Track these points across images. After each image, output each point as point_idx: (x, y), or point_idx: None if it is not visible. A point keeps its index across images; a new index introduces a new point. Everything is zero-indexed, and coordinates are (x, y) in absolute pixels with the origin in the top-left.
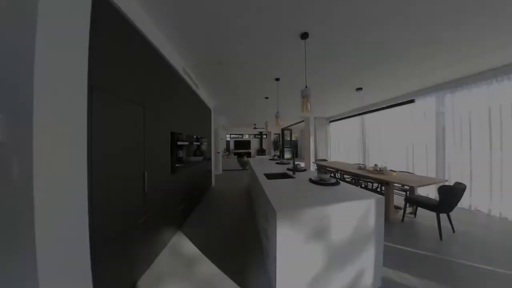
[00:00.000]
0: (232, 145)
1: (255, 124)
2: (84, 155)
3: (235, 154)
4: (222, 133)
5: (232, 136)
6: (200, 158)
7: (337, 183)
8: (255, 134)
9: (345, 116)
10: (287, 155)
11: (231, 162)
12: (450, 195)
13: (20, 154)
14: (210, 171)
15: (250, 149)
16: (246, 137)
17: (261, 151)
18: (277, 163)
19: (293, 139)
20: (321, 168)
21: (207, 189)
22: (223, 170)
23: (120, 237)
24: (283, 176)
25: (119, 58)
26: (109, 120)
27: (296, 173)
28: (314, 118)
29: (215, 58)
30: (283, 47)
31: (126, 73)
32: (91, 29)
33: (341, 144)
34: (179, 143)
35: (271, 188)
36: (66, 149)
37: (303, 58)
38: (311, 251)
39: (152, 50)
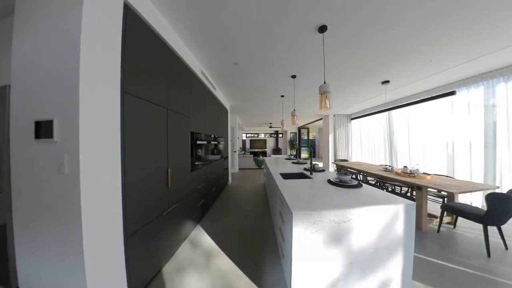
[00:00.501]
0: (248, 144)
1: (270, 123)
2: (118, 152)
3: (251, 153)
4: (238, 133)
5: (248, 135)
6: (217, 157)
7: (359, 185)
8: (271, 133)
9: (369, 112)
10: (304, 154)
11: (247, 161)
12: (503, 205)
13: (70, 152)
14: (227, 169)
15: (266, 148)
16: (261, 136)
17: (277, 150)
18: (293, 162)
19: (310, 138)
20: (341, 169)
21: (224, 186)
22: (239, 168)
23: (148, 226)
24: (300, 176)
25: (146, 66)
26: (138, 122)
27: (314, 173)
28: (334, 115)
29: (231, 59)
30: (299, 42)
31: (152, 79)
32: (122, 41)
33: (364, 143)
34: (198, 142)
35: (287, 188)
36: (104, 147)
37: (321, 52)
38: (329, 256)
39: (174, 57)
